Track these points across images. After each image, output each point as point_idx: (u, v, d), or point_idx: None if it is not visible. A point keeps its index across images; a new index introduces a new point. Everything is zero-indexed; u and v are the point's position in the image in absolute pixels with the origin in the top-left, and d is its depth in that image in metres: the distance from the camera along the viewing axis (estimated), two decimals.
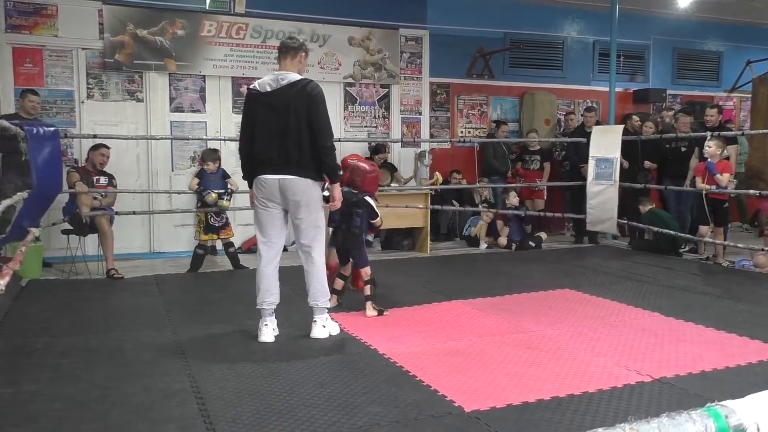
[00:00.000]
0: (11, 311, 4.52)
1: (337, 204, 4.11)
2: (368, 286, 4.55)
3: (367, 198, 4.67)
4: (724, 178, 6.32)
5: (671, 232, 6.83)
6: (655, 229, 7.01)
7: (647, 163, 7.80)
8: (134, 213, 6.66)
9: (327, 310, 4.02)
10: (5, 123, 4.64)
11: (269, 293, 3.94)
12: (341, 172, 4.30)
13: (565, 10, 9.43)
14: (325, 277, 4.03)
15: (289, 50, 3.91)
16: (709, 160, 6.36)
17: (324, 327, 3.96)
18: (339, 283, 4.73)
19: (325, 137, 3.81)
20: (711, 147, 6.32)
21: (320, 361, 3.50)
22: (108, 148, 6.34)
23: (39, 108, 6.49)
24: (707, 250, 7.04)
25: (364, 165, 4.76)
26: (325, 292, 3.98)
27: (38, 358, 3.55)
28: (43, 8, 6.88)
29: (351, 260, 4.73)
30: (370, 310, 4.48)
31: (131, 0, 7.18)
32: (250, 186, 4.02)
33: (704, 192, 6.42)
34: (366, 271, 4.60)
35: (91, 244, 6.41)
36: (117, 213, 6.28)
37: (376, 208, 4.71)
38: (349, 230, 4.60)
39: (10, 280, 4.05)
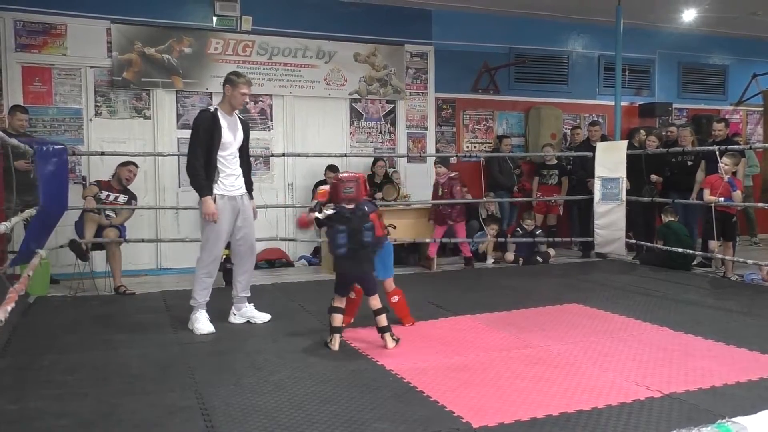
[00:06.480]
0: (18, 328, 4.53)
1: (211, 217, 4.38)
2: (382, 315, 4.04)
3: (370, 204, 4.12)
4: (737, 193, 6.33)
5: (678, 249, 6.77)
6: (659, 246, 6.98)
7: (653, 177, 7.78)
8: (143, 240, 6.85)
9: (199, 308, 4.53)
10: (14, 141, 4.67)
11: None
12: (204, 187, 4.42)
13: (570, 25, 9.48)
14: (198, 280, 4.51)
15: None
16: (727, 176, 6.34)
17: (190, 320, 4.55)
18: (338, 319, 4.05)
19: (187, 160, 4.45)
20: (728, 164, 6.31)
21: (326, 376, 3.48)
22: (136, 166, 6.35)
23: (27, 125, 6.40)
24: (716, 264, 6.98)
25: (345, 173, 4.20)
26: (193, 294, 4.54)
27: (45, 374, 3.55)
28: (52, 28, 6.98)
29: (361, 288, 4.24)
30: (390, 342, 4.00)
31: (139, 19, 7.27)
32: None
33: (713, 205, 6.39)
34: (378, 299, 4.10)
35: (99, 260, 6.44)
36: (127, 240, 6.28)
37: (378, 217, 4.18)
38: (356, 252, 3.99)
39: (13, 306, 4.05)
